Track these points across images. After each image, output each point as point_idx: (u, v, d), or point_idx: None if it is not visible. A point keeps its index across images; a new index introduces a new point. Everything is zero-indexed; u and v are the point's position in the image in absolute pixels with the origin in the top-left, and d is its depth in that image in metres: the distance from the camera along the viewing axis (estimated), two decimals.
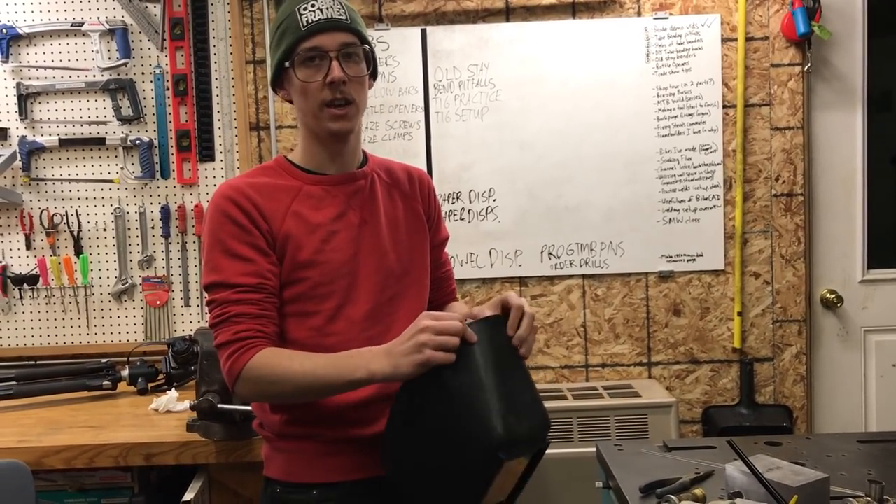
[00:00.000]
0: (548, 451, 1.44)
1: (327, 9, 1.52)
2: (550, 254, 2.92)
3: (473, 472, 1.35)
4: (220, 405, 2.00)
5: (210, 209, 1.54)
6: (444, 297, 1.80)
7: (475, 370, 1.35)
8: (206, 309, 2.88)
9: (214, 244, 1.51)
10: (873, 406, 2.99)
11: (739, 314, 2.90)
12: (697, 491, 1.52)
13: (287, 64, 1.54)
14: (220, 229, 1.51)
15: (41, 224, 2.90)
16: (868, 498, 1.41)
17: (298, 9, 1.52)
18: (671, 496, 1.50)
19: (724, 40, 2.86)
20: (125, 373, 2.57)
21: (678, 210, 2.89)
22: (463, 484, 1.37)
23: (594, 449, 1.93)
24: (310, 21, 1.51)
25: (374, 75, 1.62)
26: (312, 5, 1.52)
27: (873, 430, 2.92)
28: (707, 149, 2.87)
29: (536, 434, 1.41)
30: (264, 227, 1.51)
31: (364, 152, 1.69)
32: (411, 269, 1.65)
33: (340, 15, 1.53)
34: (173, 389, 2.47)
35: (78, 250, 2.90)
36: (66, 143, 2.87)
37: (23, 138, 2.86)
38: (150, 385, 2.56)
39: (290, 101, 1.60)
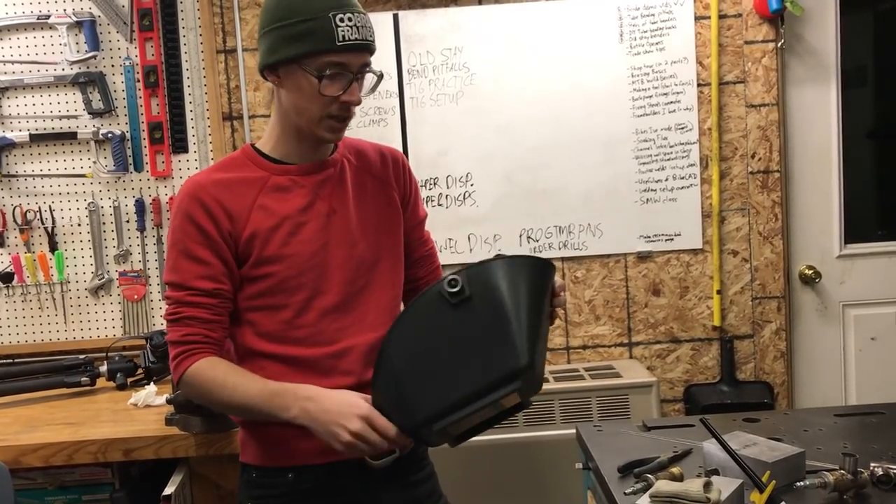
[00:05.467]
0: (530, 433, 1.44)
1: (362, 27, 1.48)
2: (529, 237, 2.91)
3: (488, 382, 1.38)
4: None
5: (174, 208, 1.56)
6: (430, 275, 1.79)
7: (522, 294, 1.40)
8: None
9: (175, 244, 1.53)
10: (853, 380, 3.01)
11: (718, 292, 2.91)
12: (675, 469, 1.53)
13: (302, 66, 1.47)
14: (182, 230, 1.52)
15: (14, 221, 2.86)
16: (842, 471, 1.42)
17: (335, 17, 1.45)
18: (648, 475, 1.50)
19: (697, 18, 2.85)
20: (104, 368, 2.55)
21: (655, 190, 2.89)
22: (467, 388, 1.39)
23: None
24: (346, 38, 1.45)
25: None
26: (350, 19, 1.46)
27: (853, 403, 2.94)
28: (682, 128, 2.87)
29: (538, 386, 1.44)
30: (227, 228, 1.52)
31: None
32: (382, 258, 1.64)
33: (370, 36, 1.50)
34: (152, 384, 2.46)
35: (53, 246, 2.87)
36: (37, 139, 2.83)
37: None
38: (130, 380, 2.55)
39: (277, 85, 1.53)
